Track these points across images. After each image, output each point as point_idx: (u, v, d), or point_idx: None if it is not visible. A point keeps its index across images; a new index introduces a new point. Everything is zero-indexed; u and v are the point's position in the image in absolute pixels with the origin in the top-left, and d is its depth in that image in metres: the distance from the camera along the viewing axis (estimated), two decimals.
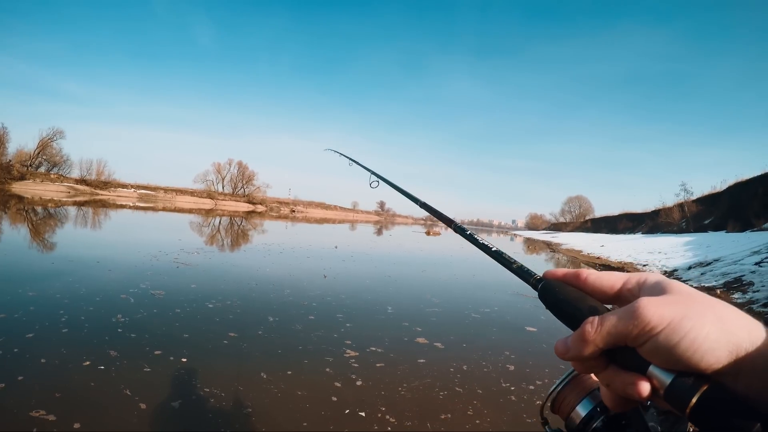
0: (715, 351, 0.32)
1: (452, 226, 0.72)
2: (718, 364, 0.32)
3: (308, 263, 8.62)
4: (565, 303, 0.41)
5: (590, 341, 0.36)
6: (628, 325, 0.34)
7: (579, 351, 0.37)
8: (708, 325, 0.33)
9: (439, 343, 3.98)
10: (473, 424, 2.54)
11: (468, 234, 0.64)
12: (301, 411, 2.48)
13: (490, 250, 0.55)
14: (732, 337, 0.33)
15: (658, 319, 0.33)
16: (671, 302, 0.34)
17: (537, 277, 0.46)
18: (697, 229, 27.89)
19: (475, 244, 0.60)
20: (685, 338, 0.32)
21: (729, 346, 0.32)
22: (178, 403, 2.43)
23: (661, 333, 0.33)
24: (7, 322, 3.39)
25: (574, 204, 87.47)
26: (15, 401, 2.25)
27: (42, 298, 4.15)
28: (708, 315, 0.33)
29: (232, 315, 4.25)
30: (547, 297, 0.43)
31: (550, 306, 0.43)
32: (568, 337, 0.39)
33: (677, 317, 0.33)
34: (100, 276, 5.41)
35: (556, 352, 0.39)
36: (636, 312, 0.34)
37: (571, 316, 0.40)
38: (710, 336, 0.32)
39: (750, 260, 10.29)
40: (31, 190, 39.41)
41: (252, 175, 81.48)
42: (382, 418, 2.50)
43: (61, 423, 2.11)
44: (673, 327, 0.33)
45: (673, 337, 0.33)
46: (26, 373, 2.55)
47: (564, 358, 0.39)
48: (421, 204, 0.95)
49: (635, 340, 0.34)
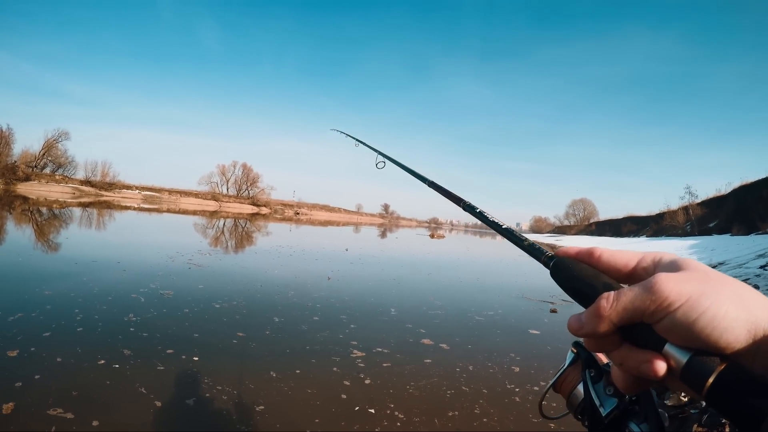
0: (734, 329, 0.31)
1: (461, 204, 0.71)
2: (737, 343, 0.31)
3: (316, 265, 8.69)
4: (579, 280, 0.40)
5: (605, 317, 0.35)
6: (645, 300, 0.33)
7: (593, 327, 0.36)
8: (727, 302, 0.32)
9: (444, 344, 4.03)
10: (480, 422, 2.60)
11: (478, 212, 0.63)
12: (313, 408, 2.54)
13: (501, 228, 0.54)
14: (751, 316, 0.32)
15: (676, 295, 0.32)
16: (689, 279, 0.34)
17: (549, 254, 0.44)
18: (702, 232, 27.81)
19: (486, 222, 0.59)
20: (704, 315, 0.32)
21: (748, 325, 0.31)
22: (192, 400, 2.49)
23: (679, 309, 0.32)
24: (25, 321, 3.46)
25: (578, 207, 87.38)
26: (33, 400, 2.28)
27: (58, 297, 4.24)
28: (726, 292, 0.33)
29: (239, 315, 4.31)
30: (560, 275, 0.41)
31: (562, 284, 0.41)
32: (582, 313, 0.38)
33: (696, 294, 0.32)
34: (112, 276, 5.50)
35: (569, 329, 0.38)
36: (654, 287, 0.33)
37: (585, 293, 0.39)
38: (729, 314, 0.32)
39: (755, 263, 10.27)
40: (36, 191, 39.71)
41: (256, 177, 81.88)
42: (391, 415, 2.56)
43: (79, 421, 2.14)
44: (691, 304, 0.32)
45: (691, 314, 0.32)
46: (43, 372, 2.61)
47: (577, 335, 0.38)
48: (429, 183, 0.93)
49: (652, 317, 0.34)
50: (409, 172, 1.07)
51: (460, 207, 0.70)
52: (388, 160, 1.28)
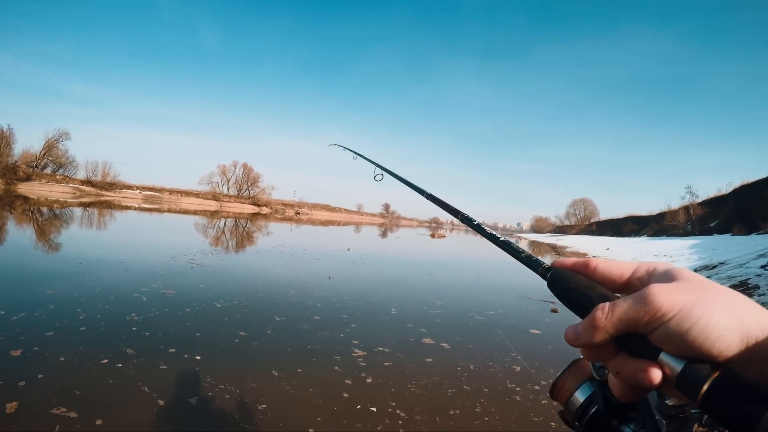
0: (726, 338, 0.32)
1: (459, 216, 0.71)
2: (730, 351, 0.32)
3: (318, 265, 8.71)
4: (575, 291, 0.41)
5: (601, 327, 0.36)
6: (639, 311, 0.34)
7: (589, 337, 0.37)
8: (719, 311, 0.33)
9: (445, 344, 4.04)
10: (482, 421, 2.61)
11: (476, 224, 0.64)
12: (315, 406, 2.56)
13: (498, 240, 0.55)
14: (743, 324, 0.32)
15: (669, 306, 0.33)
16: (682, 289, 0.34)
17: (546, 266, 0.45)
18: (703, 232, 27.79)
19: (483, 234, 0.60)
20: (697, 324, 0.32)
21: (740, 333, 0.32)
22: (195, 399, 2.50)
23: (673, 319, 0.33)
24: (28, 320, 3.48)
25: (579, 207, 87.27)
26: (36, 399, 2.28)
27: (61, 297, 4.27)
28: (719, 302, 0.33)
29: (240, 315, 4.33)
30: (556, 286, 0.42)
31: (559, 294, 0.42)
32: (578, 324, 0.38)
33: (688, 304, 0.33)
34: (114, 275, 5.52)
35: (566, 339, 0.39)
36: (647, 298, 0.34)
37: (581, 304, 0.40)
38: (721, 322, 0.32)
39: (756, 263, 10.27)
40: (36, 191, 39.74)
41: (257, 177, 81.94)
42: (392, 413, 2.58)
43: (83, 420, 2.14)
44: (684, 313, 0.33)
45: (684, 324, 0.33)
46: (47, 371, 2.61)
47: (574, 345, 0.38)
48: (427, 195, 0.93)
49: (646, 327, 0.34)
50: (407, 185, 1.08)
51: (458, 219, 0.71)
52: (386, 173, 1.28)
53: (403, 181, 1.11)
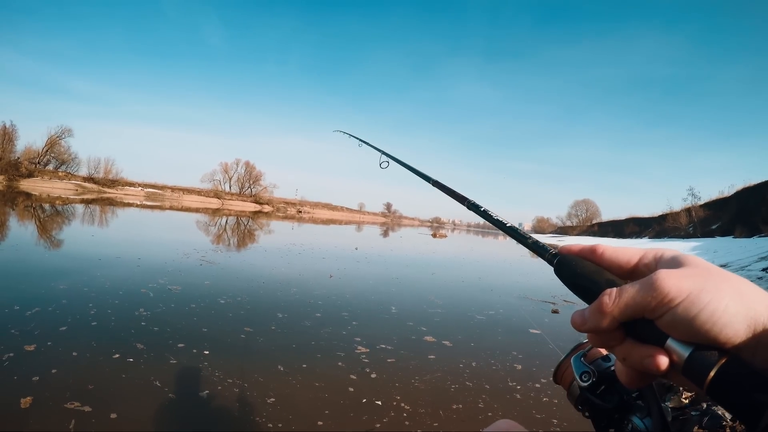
0: (733, 324, 0.32)
1: (466, 203, 0.71)
2: (737, 337, 0.32)
3: (323, 264, 8.80)
4: (582, 277, 0.40)
5: (608, 313, 0.36)
6: (646, 296, 0.34)
7: (596, 323, 0.37)
8: (726, 297, 0.32)
9: (447, 342, 4.10)
10: (485, 415, 2.68)
11: (482, 211, 0.64)
12: (321, 400, 2.63)
13: (505, 226, 0.55)
14: (750, 311, 0.32)
15: (676, 291, 0.33)
16: (690, 275, 0.34)
17: (552, 252, 0.45)
18: (705, 234, 27.81)
19: (490, 221, 0.60)
20: (704, 310, 0.32)
21: (747, 320, 0.32)
22: (206, 393, 2.57)
23: (680, 305, 0.33)
24: (42, 315, 3.55)
25: (580, 208, 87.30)
26: (51, 393, 2.30)
27: (72, 291, 4.35)
28: (726, 288, 0.33)
29: (243, 311, 4.40)
30: (563, 271, 0.42)
31: (566, 280, 0.42)
32: (585, 309, 0.38)
33: (696, 289, 0.33)
34: (122, 272, 5.60)
35: (572, 324, 0.39)
36: (655, 283, 0.34)
37: (588, 290, 0.39)
38: (729, 309, 0.32)
39: (757, 266, 10.30)
40: (39, 188, 39.84)
41: (259, 175, 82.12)
42: (397, 406, 2.66)
43: (97, 414, 2.16)
44: (691, 299, 0.33)
45: (691, 310, 0.32)
46: (60, 366, 2.65)
47: (580, 330, 0.38)
48: (433, 182, 0.93)
49: (653, 312, 0.34)
50: (413, 172, 1.06)
51: (464, 206, 0.70)
52: (392, 160, 1.27)
53: (409, 168, 1.10)
